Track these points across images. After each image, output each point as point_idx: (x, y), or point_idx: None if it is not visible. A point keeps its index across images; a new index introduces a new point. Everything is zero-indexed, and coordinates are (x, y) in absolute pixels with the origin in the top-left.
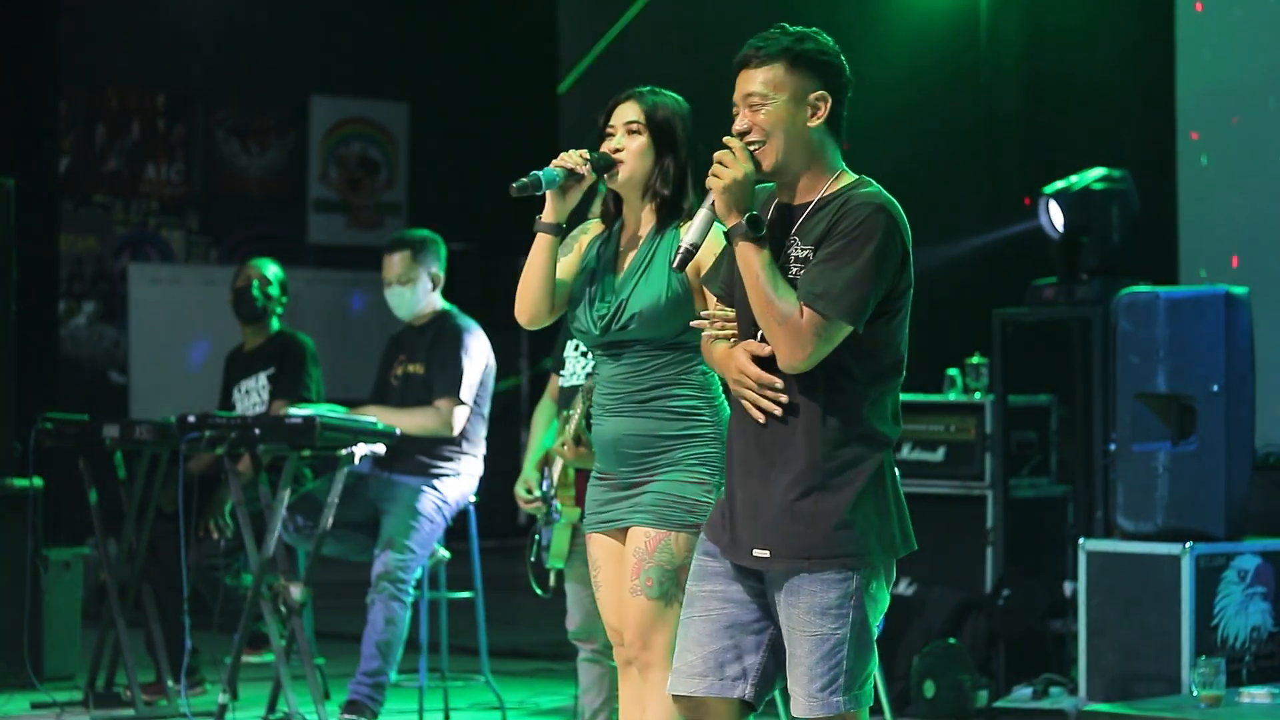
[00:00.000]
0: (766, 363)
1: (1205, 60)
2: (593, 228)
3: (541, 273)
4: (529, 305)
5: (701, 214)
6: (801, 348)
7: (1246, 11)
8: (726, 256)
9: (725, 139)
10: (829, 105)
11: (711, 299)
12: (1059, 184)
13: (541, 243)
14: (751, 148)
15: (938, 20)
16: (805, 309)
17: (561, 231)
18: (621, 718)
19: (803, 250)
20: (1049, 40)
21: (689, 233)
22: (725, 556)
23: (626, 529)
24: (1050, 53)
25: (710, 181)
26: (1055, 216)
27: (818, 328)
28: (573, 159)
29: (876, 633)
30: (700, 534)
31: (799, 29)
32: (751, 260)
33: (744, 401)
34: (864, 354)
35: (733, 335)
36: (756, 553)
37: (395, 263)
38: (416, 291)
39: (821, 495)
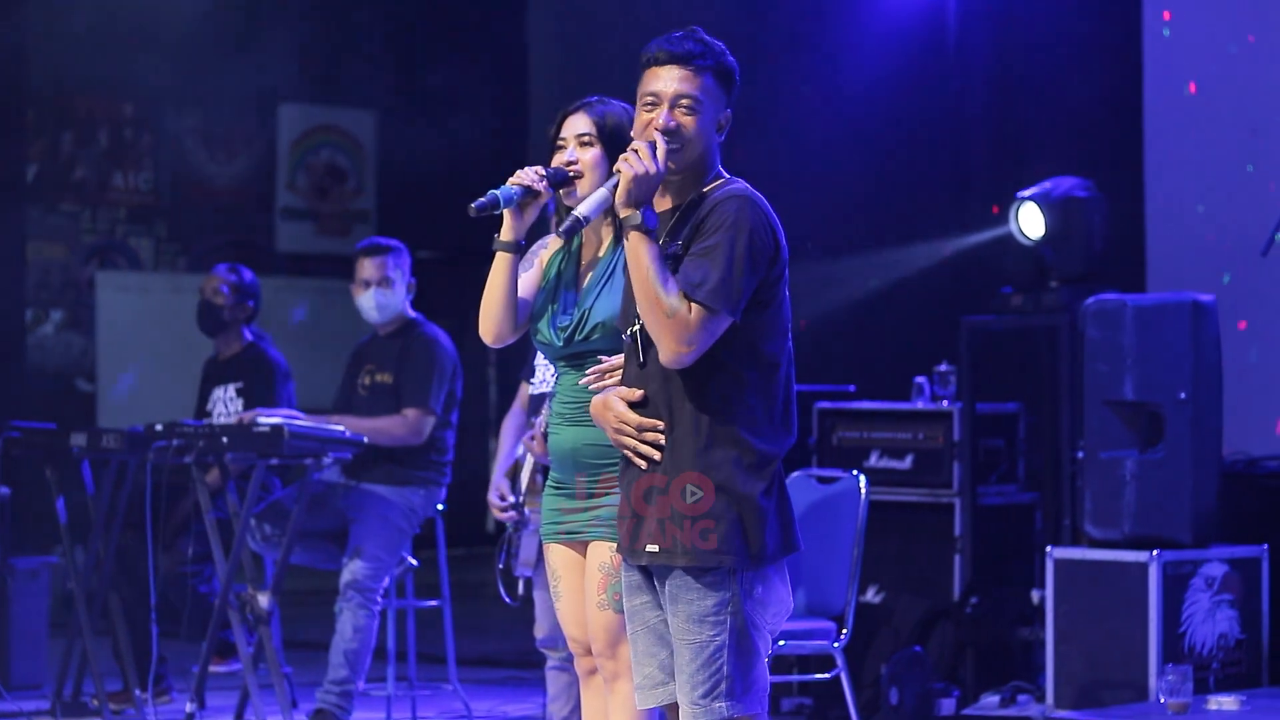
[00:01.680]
0: (640, 405)
1: (1172, 68)
2: (552, 243)
3: (503, 291)
4: (492, 324)
5: (601, 192)
6: (689, 340)
7: (1213, 20)
8: (628, 292)
9: (655, 138)
10: (729, 124)
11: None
12: (1029, 190)
13: (501, 261)
14: (670, 145)
15: (906, 28)
16: (691, 304)
17: (521, 249)
18: None
19: (672, 248)
20: (1017, 49)
21: (584, 204)
22: (626, 559)
23: (586, 542)
24: (1018, 61)
25: (621, 166)
26: (1032, 222)
27: (702, 319)
28: (529, 176)
29: (767, 639)
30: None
31: (715, 41)
32: (642, 254)
33: (625, 451)
34: (742, 349)
35: (616, 381)
36: (648, 548)
37: (376, 265)
38: (397, 294)
39: (701, 498)
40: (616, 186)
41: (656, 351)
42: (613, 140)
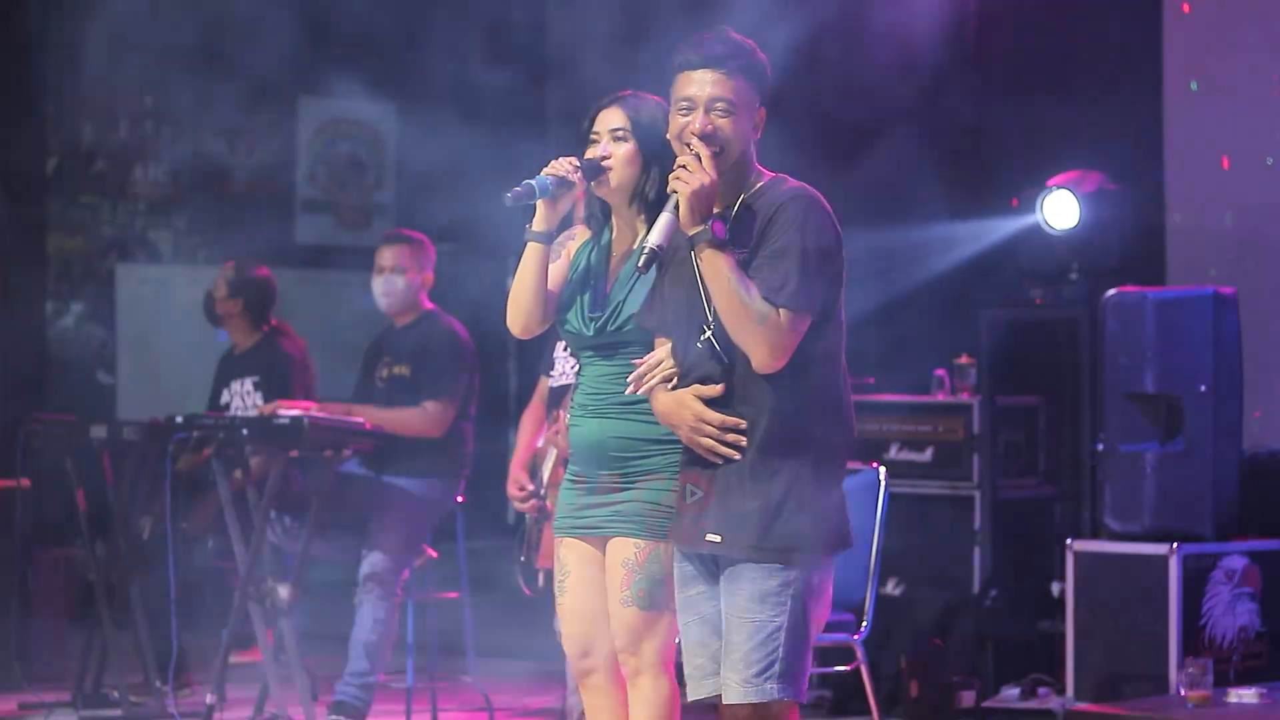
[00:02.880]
0: (714, 401)
1: (1191, 60)
2: (579, 234)
3: (534, 282)
4: (522, 315)
5: (665, 217)
6: (782, 345)
7: (1232, 12)
8: (655, 289)
9: (693, 142)
10: (763, 121)
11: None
12: (1052, 182)
13: (533, 252)
14: (710, 147)
15: (925, 22)
16: (780, 310)
17: (552, 240)
18: None
19: (738, 255)
20: (1036, 41)
21: (654, 234)
22: (682, 544)
23: (604, 537)
24: (1038, 54)
25: (676, 185)
26: (1062, 212)
27: (790, 321)
28: (563, 167)
29: (816, 629)
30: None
31: (745, 40)
32: (720, 266)
33: (702, 449)
34: (819, 349)
35: (674, 375)
36: (709, 537)
37: (394, 254)
38: (409, 283)
39: (769, 489)
40: (676, 207)
41: (737, 355)
42: (646, 137)
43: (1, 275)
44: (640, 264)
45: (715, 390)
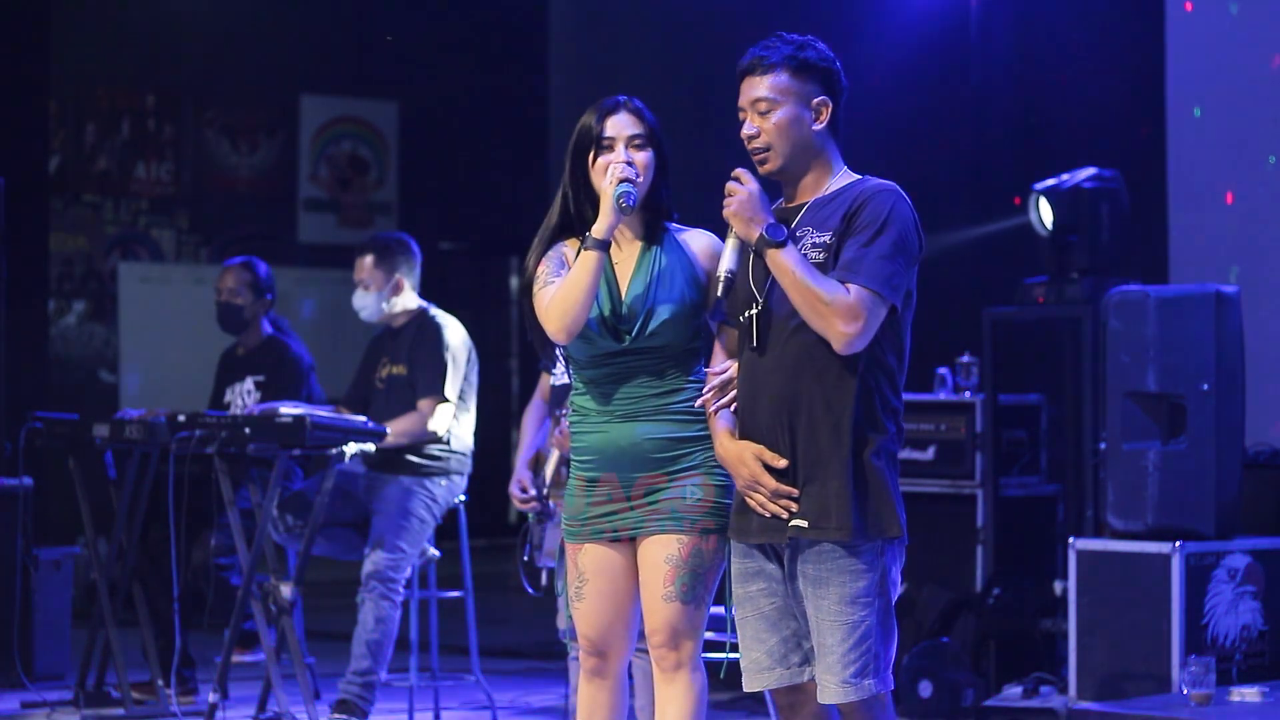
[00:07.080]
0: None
1: (1195, 60)
2: (570, 244)
3: (592, 289)
4: (574, 322)
5: (729, 242)
6: (855, 319)
7: (1237, 11)
8: (717, 287)
9: (734, 172)
10: (830, 110)
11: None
12: (1050, 181)
13: (596, 259)
14: (758, 153)
15: (928, 20)
16: (850, 286)
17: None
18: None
19: (820, 237)
20: (1038, 38)
21: (724, 262)
22: (760, 538)
23: (635, 538)
24: (1040, 52)
25: (725, 213)
26: (1045, 213)
27: (865, 301)
28: (636, 188)
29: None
30: (728, 542)
31: (798, 37)
32: (782, 262)
33: (751, 501)
34: (882, 342)
35: (733, 398)
36: (795, 523)
37: (362, 265)
38: (379, 295)
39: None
40: (734, 230)
41: (777, 341)
42: (658, 143)
43: (4, 274)
44: (720, 291)
45: (780, 462)
